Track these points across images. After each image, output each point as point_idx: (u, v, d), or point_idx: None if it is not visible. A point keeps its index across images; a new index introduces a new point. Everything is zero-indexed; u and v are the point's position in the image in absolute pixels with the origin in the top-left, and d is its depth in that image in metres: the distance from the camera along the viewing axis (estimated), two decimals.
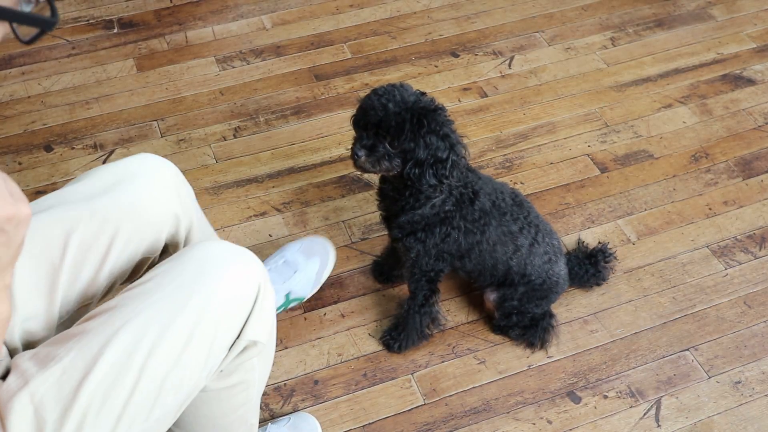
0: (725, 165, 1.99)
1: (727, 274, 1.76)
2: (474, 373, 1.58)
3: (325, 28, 2.37)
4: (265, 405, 1.51)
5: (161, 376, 0.92)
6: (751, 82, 2.22)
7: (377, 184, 1.51)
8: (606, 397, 1.55)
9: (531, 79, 2.22)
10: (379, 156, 1.33)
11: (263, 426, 1.42)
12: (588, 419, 1.51)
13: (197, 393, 1.01)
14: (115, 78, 2.20)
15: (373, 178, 1.88)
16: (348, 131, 1.81)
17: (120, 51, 2.28)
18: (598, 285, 1.70)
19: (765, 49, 2.32)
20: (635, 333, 1.65)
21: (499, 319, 1.59)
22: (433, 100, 1.35)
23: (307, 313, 1.66)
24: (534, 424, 1.50)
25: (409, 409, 1.52)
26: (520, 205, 1.52)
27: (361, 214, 1.86)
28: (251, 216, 1.85)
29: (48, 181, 1.92)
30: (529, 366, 1.59)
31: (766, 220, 1.87)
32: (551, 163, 1.99)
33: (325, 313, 1.67)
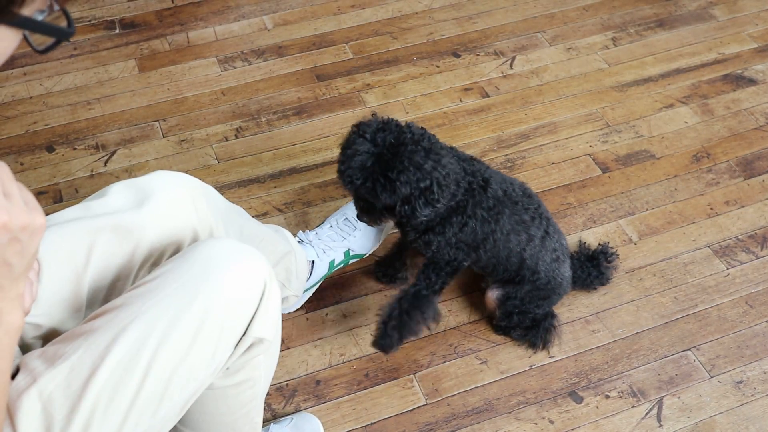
0: (727, 165, 1.99)
1: (728, 274, 1.76)
2: (476, 373, 1.58)
3: (327, 28, 2.38)
4: (268, 405, 1.51)
5: (168, 373, 0.92)
6: (752, 82, 2.22)
7: None
8: (608, 397, 1.55)
9: (532, 80, 2.22)
10: (378, 215, 1.39)
11: (266, 426, 1.42)
12: (590, 419, 1.51)
13: (203, 390, 1.01)
14: (117, 78, 2.20)
15: None
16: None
17: (122, 51, 2.28)
18: (602, 286, 1.70)
19: (766, 49, 2.32)
20: (637, 333, 1.65)
21: (500, 319, 1.59)
22: (395, 128, 1.33)
23: (309, 314, 1.67)
24: (536, 424, 1.51)
25: (411, 409, 1.52)
26: (530, 197, 1.52)
27: None
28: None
29: (50, 182, 1.92)
30: (530, 366, 1.59)
31: None
32: (553, 163, 1.99)
33: (327, 314, 1.67)
